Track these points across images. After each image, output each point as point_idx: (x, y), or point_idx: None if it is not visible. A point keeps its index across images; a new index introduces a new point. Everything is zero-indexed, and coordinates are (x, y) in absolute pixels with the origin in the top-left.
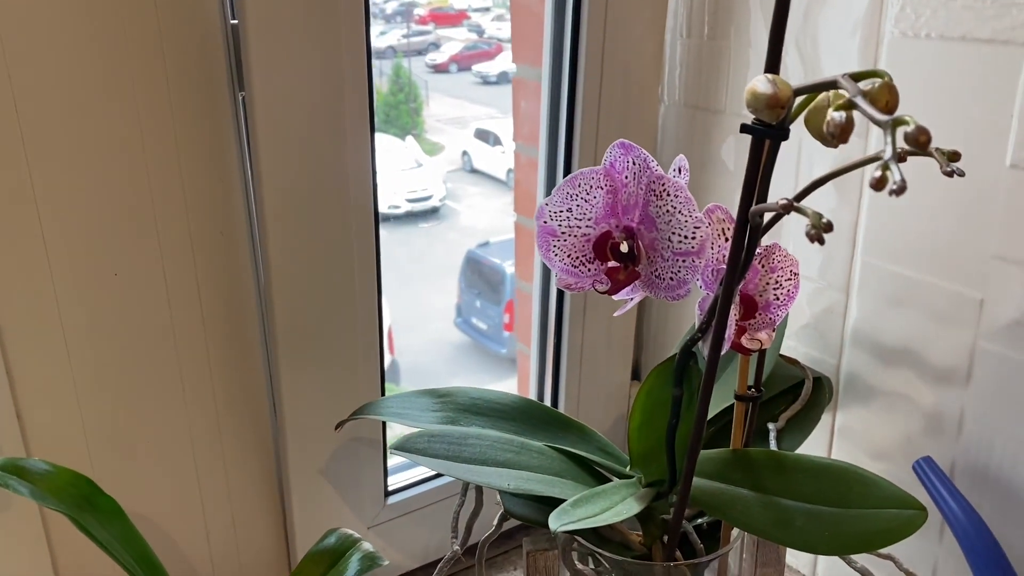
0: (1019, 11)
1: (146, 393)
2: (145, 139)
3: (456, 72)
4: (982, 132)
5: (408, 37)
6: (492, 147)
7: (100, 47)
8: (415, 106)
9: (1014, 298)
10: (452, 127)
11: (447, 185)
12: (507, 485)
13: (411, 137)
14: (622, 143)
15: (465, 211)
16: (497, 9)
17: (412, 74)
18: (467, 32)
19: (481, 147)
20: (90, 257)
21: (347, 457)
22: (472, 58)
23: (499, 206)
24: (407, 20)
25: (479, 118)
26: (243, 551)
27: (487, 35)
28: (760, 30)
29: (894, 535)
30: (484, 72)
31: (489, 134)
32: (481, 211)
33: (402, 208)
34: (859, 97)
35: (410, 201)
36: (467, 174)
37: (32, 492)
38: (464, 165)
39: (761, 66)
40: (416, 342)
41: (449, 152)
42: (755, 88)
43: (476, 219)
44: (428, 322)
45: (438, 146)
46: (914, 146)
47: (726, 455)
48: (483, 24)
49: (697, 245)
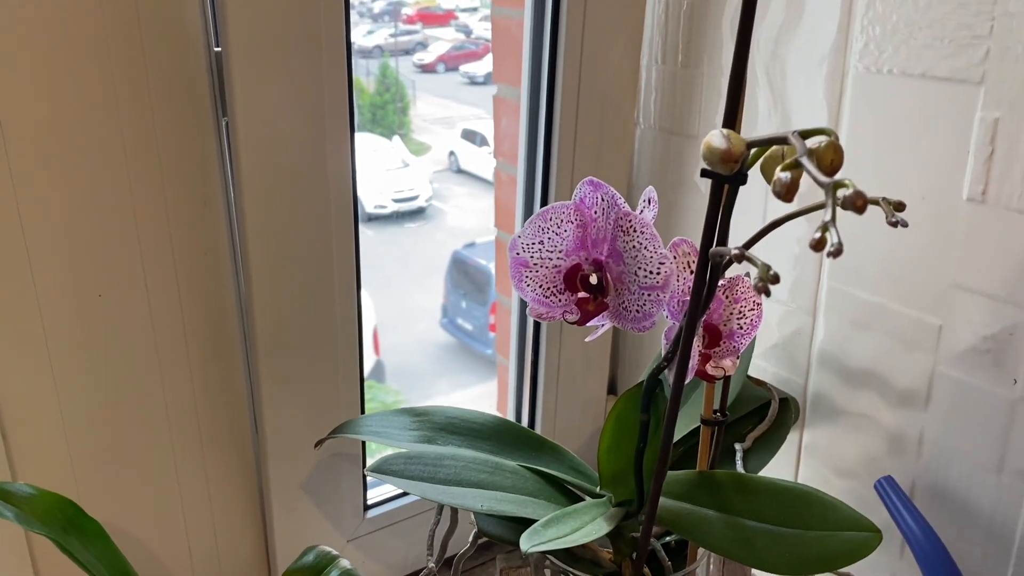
0: (974, 52)
1: (130, 411)
2: (129, 163)
3: (443, 72)
4: (940, 166)
5: (395, 37)
6: (479, 148)
7: (86, 75)
8: (402, 106)
9: (971, 325)
10: (439, 127)
11: (434, 185)
12: (480, 506)
13: (398, 137)
14: (591, 180)
15: (451, 211)
16: (484, 9)
17: (399, 74)
18: (455, 32)
19: (468, 147)
20: (75, 278)
21: (327, 472)
22: (459, 58)
23: (485, 207)
24: (394, 20)
25: (466, 118)
26: (224, 566)
27: (475, 35)
28: (731, 59)
29: (851, 556)
30: (471, 72)
31: (476, 135)
32: (467, 211)
33: (388, 208)
34: (805, 157)
35: (396, 201)
36: (454, 174)
37: (17, 516)
38: (451, 165)
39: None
40: (401, 342)
41: (436, 152)
42: (710, 143)
43: (462, 219)
44: (413, 322)
45: (425, 146)
46: (851, 209)
47: (692, 477)
48: (471, 24)
49: (662, 280)
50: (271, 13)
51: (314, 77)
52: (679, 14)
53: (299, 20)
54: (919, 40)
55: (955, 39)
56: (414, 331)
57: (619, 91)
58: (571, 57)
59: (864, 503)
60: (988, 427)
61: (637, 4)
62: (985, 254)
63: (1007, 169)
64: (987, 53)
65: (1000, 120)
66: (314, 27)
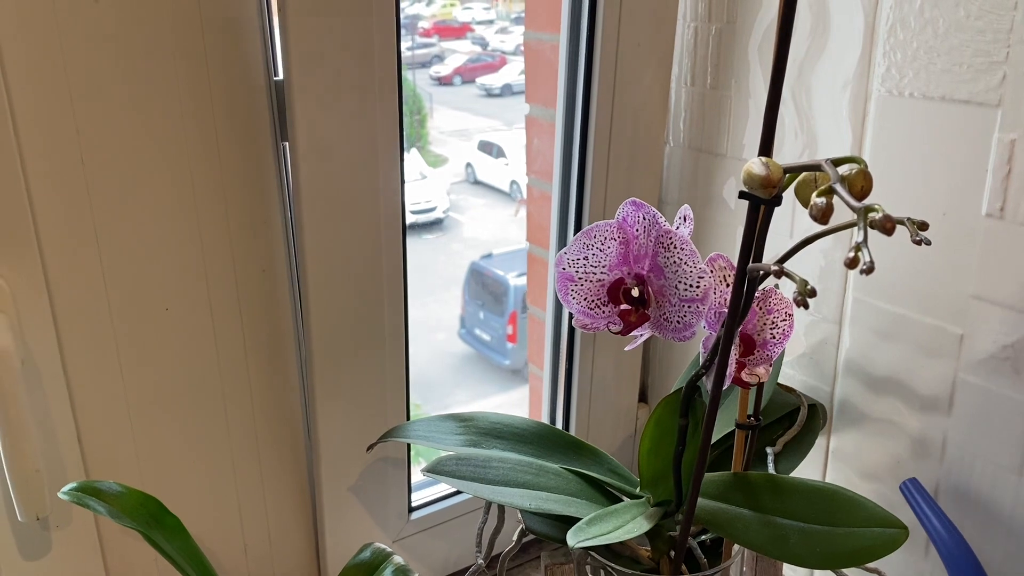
0: (991, 76)
1: (192, 418)
2: (196, 186)
3: (460, 84)
4: (960, 184)
5: (412, 50)
6: (495, 159)
7: (159, 105)
8: (419, 118)
9: (990, 334)
10: (456, 139)
11: (451, 197)
12: (528, 505)
13: (415, 149)
14: (633, 201)
15: (469, 222)
16: (501, 22)
17: (416, 87)
18: (471, 45)
19: (484, 159)
20: (144, 293)
21: (374, 476)
22: (476, 70)
23: (503, 217)
24: (411, 33)
25: (483, 130)
26: (277, 564)
27: (491, 48)
28: (758, 82)
29: (878, 551)
30: (488, 84)
31: (492, 146)
32: (485, 222)
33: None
34: (838, 184)
35: (414, 213)
36: (471, 186)
37: (108, 511)
38: (468, 177)
39: (759, 115)
40: (420, 353)
41: (453, 164)
42: (751, 170)
43: (480, 230)
44: (432, 333)
45: (442, 158)
46: (881, 231)
47: (728, 478)
48: (487, 37)
49: (701, 293)
50: (329, 45)
51: (367, 103)
52: (707, 39)
53: (354, 51)
54: (939, 65)
55: (973, 64)
56: (432, 342)
57: (650, 111)
58: (605, 79)
59: (890, 505)
60: (1008, 431)
61: (667, 29)
62: (1003, 267)
63: (1023, 187)
64: (1003, 78)
65: (1016, 141)
66: (368, 57)
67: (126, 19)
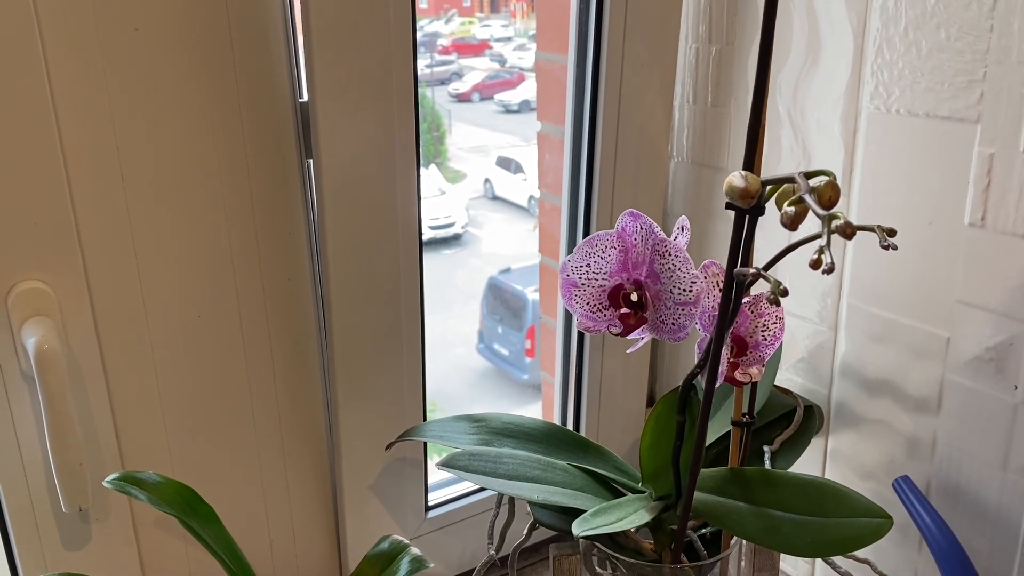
0: (970, 94)
1: (222, 418)
2: (227, 201)
3: (478, 101)
4: (944, 195)
5: (431, 67)
6: (513, 175)
7: (193, 126)
8: (438, 135)
9: (975, 336)
10: (474, 155)
11: (469, 212)
12: (536, 497)
13: (434, 165)
14: (632, 212)
15: (487, 238)
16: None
17: (435, 103)
18: (489, 62)
19: (503, 175)
20: (178, 300)
21: (393, 475)
22: (494, 87)
23: (521, 233)
24: (430, 50)
25: (501, 146)
26: (300, 559)
27: (509, 64)
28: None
29: (865, 540)
30: (506, 101)
31: (511, 162)
32: (503, 238)
33: (425, 235)
34: (807, 194)
35: (433, 228)
36: (489, 201)
37: (149, 499)
38: (486, 192)
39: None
40: (439, 367)
41: (471, 180)
42: (731, 182)
43: (498, 246)
44: (450, 348)
45: (460, 174)
46: (842, 236)
47: (724, 473)
48: (505, 54)
49: (694, 297)
50: (350, 69)
51: (387, 122)
52: (708, 59)
53: (373, 74)
54: (922, 84)
55: (953, 83)
56: (451, 356)
57: (654, 128)
58: (610, 97)
59: (884, 502)
60: (993, 429)
61: (670, 49)
62: (985, 273)
63: (1002, 198)
64: (981, 95)
65: (995, 155)
66: (386, 78)
67: (163, 47)
